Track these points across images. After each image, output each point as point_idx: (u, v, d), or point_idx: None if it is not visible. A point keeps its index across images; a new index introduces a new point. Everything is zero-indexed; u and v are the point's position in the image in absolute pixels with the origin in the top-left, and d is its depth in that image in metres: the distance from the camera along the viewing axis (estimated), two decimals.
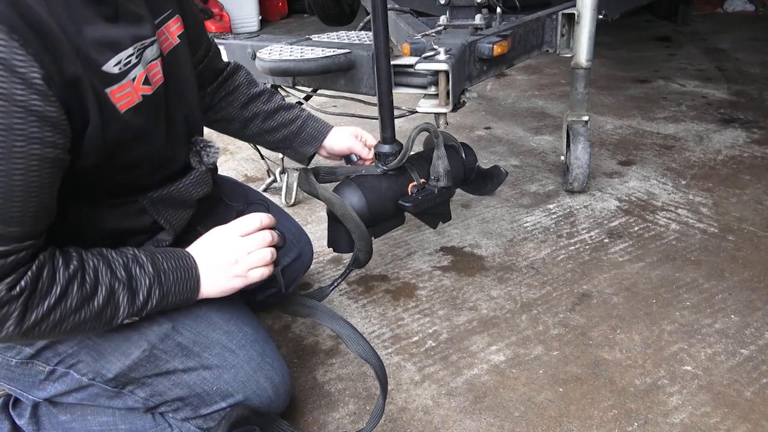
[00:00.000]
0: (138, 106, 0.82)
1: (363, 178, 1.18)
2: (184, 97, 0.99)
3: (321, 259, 1.65)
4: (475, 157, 1.32)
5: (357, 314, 1.41)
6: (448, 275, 1.55)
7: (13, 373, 0.94)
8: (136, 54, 0.82)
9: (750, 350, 1.23)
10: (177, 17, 0.97)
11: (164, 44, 0.93)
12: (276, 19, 5.78)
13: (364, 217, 1.13)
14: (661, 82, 3.17)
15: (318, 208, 1.94)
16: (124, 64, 0.79)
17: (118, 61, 0.78)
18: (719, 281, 1.46)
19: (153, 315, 0.90)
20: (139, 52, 0.83)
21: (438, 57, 1.26)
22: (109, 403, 0.97)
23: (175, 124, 0.96)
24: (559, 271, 1.53)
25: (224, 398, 0.92)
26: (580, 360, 1.23)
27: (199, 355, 0.92)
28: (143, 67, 0.83)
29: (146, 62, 0.85)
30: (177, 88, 0.96)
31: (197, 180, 1.02)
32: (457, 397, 1.15)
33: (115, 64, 0.78)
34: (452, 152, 1.27)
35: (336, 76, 1.50)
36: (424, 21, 1.84)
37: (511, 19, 1.80)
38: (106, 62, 0.77)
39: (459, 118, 2.74)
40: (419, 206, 1.18)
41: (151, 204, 0.94)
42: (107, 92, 0.77)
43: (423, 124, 1.19)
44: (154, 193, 0.95)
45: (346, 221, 1.11)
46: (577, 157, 1.87)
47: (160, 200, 0.96)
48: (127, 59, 0.80)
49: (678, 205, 1.84)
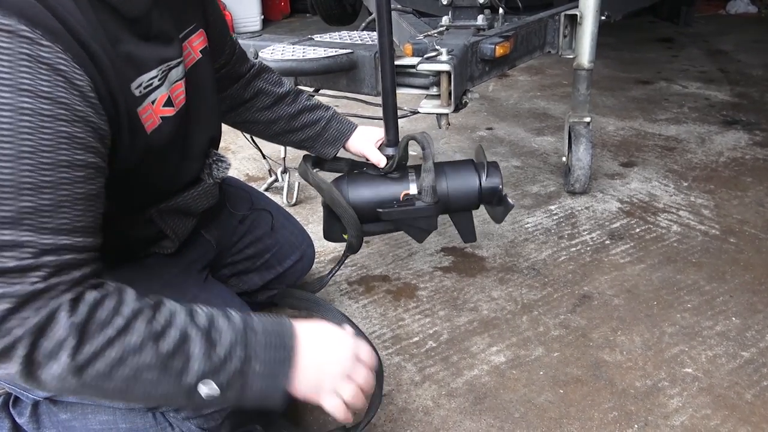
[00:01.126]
0: (159, 128, 0.81)
1: (359, 176, 1.20)
2: (207, 115, 0.98)
3: (322, 258, 1.65)
4: (500, 180, 1.22)
5: (358, 314, 1.41)
6: (449, 276, 1.55)
7: None
8: (159, 76, 0.80)
9: (751, 353, 1.23)
10: (201, 32, 0.96)
11: (186, 59, 0.92)
12: (278, 18, 5.78)
13: None
14: (663, 84, 3.16)
15: (319, 208, 1.94)
16: (144, 86, 0.78)
17: (140, 83, 0.77)
18: (720, 283, 1.46)
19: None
20: (164, 74, 0.81)
21: (440, 58, 1.26)
22: (109, 402, 0.98)
23: (193, 141, 0.95)
24: (560, 273, 1.53)
25: None
26: (580, 361, 1.23)
27: None
28: (167, 89, 0.82)
29: (170, 83, 0.83)
30: (198, 106, 0.94)
31: (205, 192, 1.02)
32: (457, 398, 1.15)
33: (136, 87, 0.76)
34: (467, 170, 1.22)
35: (338, 76, 1.50)
36: (426, 21, 1.84)
37: (514, 20, 1.80)
38: (129, 84, 0.75)
39: (461, 119, 2.74)
40: (390, 216, 1.18)
41: (158, 214, 0.94)
42: (137, 111, 0.77)
43: (411, 134, 1.19)
44: (162, 204, 0.95)
45: (335, 206, 1.15)
46: (578, 159, 1.87)
47: (166, 211, 0.96)
48: (149, 81, 0.79)
49: (679, 206, 1.84)
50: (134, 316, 0.67)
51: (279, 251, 1.31)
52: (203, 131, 0.99)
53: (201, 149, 0.99)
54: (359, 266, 1.61)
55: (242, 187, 1.32)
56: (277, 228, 1.30)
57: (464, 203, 1.24)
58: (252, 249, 1.26)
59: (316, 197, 2.01)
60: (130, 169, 0.80)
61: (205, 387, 0.70)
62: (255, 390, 0.73)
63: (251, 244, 1.25)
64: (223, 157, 1.04)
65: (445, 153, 2.37)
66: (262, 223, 1.28)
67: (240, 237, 1.24)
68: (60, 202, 0.63)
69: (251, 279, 1.27)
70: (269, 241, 1.27)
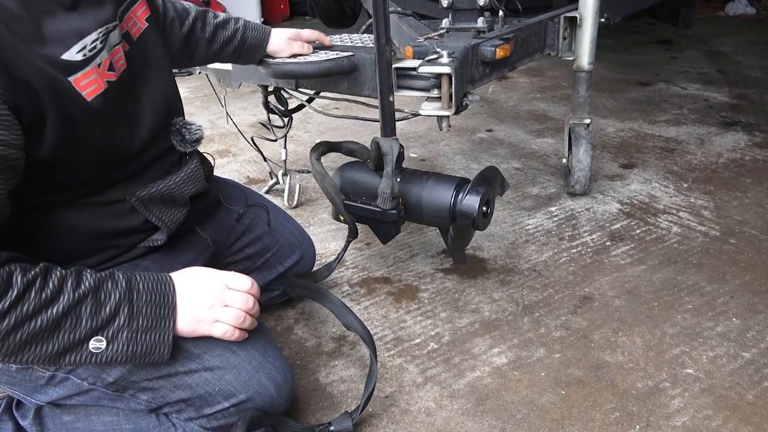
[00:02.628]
0: (105, 93, 0.82)
1: (356, 166, 1.33)
2: (158, 81, 0.98)
3: (323, 260, 1.65)
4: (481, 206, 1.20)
5: (359, 316, 1.41)
6: (450, 277, 1.55)
7: (14, 378, 0.94)
8: (100, 39, 0.81)
9: (752, 353, 1.23)
10: (142, 1, 0.97)
11: (133, 29, 0.93)
12: (278, 20, 5.80)
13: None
14: (662, 85, 3.17)
15: (320, 210, 1.95)
16: (89, 50, 0.78)
17: (83, 46, 0.78)
18: (721, 284, 1.46)
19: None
20: (104, 37, 0.82)
21: (441, 60, 1.27)
22: (111, 405, 0.98)
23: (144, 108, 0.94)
24: (560, 274, 1.53)
25: (227, 398, 0.92)
26: (581, 363, 1.23)
27: (200, 357, 0.92)
28: (108, 53, 0.82)
29: (110, 47, 0.84)
30: (148, 73, 0.96)
31: (188, 177, 1.01)
32: (459, 400, 1.15)
33: (78, 50, 0.77)
34: (446, 186, 1.23)
35: (339, 79, 1.50)
36: (426, 24, 1.84)
37: (514, 22, 1.81)
38: (67, 50, 0.76)
39: (461, 121, 2.74)
40: (350, 209, 1.29)
41: (140, 203, 0.94)
42: (71, 80, 0.77)
43: (378, 138, 1.25)
44: (142, 192, 0.94)
45: (325, 194, 1.30)
46: (579, 160, 1.88)
47: (150, 199, 0.95)
48: (92, 44, 0.79)
49: (679, 208, 1.85)
50: (27, 287, 0.73)
51: (279, 251, 1.31)
52: (155, 97, 0.98)
53: (156, 117, 0.98)
54: (360, 268, 1.61)
55: (238, 186, 1.33)
56: (277, 228, 1.30)
57: (435, 219, 1.26)
58: (252, 248, 1.26)
59: (317, 200, 2.02)
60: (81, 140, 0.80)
61: (95, 342, 0.79)
62: (143, 342, 0.83)
63: (251, 244, 1.26)
64: (192, 122, 1.04)
65: (445, 155, 2.38)
66: (260, 223, 1.28)
67: (239, 236, 1.24)
68: None
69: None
70: (269, 240, 1.27)
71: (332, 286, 1.53)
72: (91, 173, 0.88)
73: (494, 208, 1.29)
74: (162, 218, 0.97)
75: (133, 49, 0.92)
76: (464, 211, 1.22)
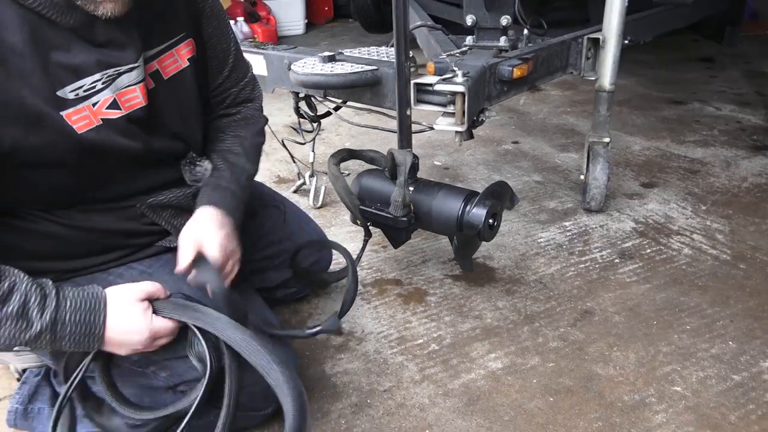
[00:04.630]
0: (98, 128, 0.90)
1: (375, 173, 1.41)
2: (180, 118, 1.06)
3: (340, 261, 1.75)
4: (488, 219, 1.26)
5: (368, 315, 1.51)
6: (459, 284, 1.62)
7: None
8: (103, 80, 0.89)
9: (742, 376, 1.27)
10: (190, 41, 1.05)
11: (168, 67, 1.01)
12: (322, 23, 5.94)
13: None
14: (696, 105, 3.15)
15: (342, 212, 2.05)
16: (84, 90, 0.87)
17: (79, 86, 0.86)
18: (723, 308, 1.49)
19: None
20: (110, 78, 0.89)
21: (455, 79, 1.35)
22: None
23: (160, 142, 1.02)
24: (565, 287, 1.59)
25: None
26: (573, 373, 1.29)
27: None
28: (111, 93, 0.90)
29: (118, 88, 0.91)
30: (172, 109, 1.03)
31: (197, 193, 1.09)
32: (452, 398, 1.23)
33: (72, 90, 0.86)
34: (455, 197, 1.30)
35: (363, 91, 1.60)
36: (453, 39, 1.92)
37: (538, 40, 1.87)
38: (62, 88, 0.85)
39: (488, 131, 2.80)
40: (365, 214, 1.39)
41: (149, 209, 1.03)
42: (62, 114, 0.86)
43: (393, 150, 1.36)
44: (150, 199, 1.03)
45: (338, 195, 1.39)
46: (595, 177, 1.92)
47: (158, 206, 1.04)
48: (91, 85, 0.87)
49: (694, 230, 1.87)
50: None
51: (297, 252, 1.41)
52: (171, 133, 1.04)
53: (171, 151, 1.05)
54: (375, 269, 1.70)
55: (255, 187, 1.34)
56: (297, 230, 1.40)
57: (444, 228, 1.35)
58: (270, 250, 1.35)
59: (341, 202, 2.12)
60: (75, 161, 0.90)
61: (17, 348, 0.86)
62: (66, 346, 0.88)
63: (270, 245, 1.35)
64: (200, 161, 1.09)
65: (468, 164, 2.45)
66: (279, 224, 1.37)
67: (259, 238, 1.33)
68: None
69: (269, 276, 1.38)
70: (288, 243, 1.37)
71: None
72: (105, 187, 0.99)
73: (501, 221, 1.36)
74: (173, 223, 1.08)
75: (159, 87, 1.00)
76: (471, 223, 1.29)
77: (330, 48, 1.89)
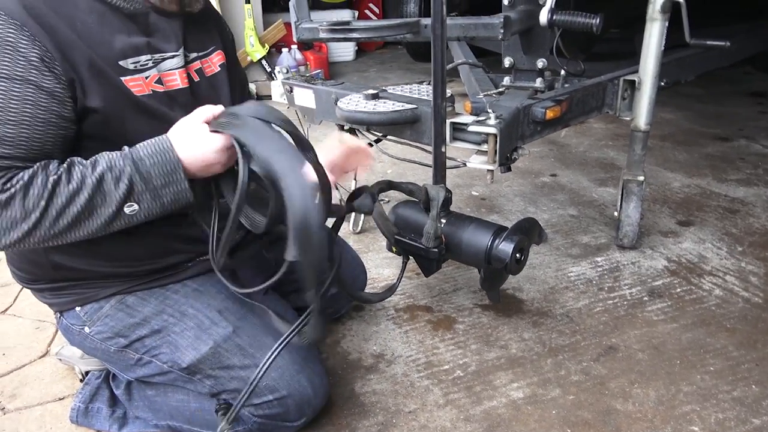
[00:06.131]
0: (150, 96, 1.08)
1: (407, 205, 1.47)
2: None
3: (375, 285, 1.85)
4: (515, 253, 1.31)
5: (399, 338, 1.59)
6: (487, 313, 1.69)
7: (112, 357, 1.21)
8: (152, 60, 1.09)
9: (762, 420, 1.29)
10: (219, 51, 1.25)
11: (208, 69, 1.21)
12: (372, 49, 6.13)
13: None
14: (742, 142, 3.13)
15: (380, 238, 2.15)
16: (141, 64, 1.07)
17: (137, 61, 1.07)
18: (749, 351, 1.51)
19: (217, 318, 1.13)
20: (156, 60, 1.09)
21: (488, 121, 1.44)
22: (184, 386, 1.22)
23: None
24: (591, 323, 1.64)
25: (271, 392, 1.13)
26: (593, 407, 1.34)
27: (253, 355, 1.14)
28: (157, 71, 1.09)
29: (162, 69, 1.10)
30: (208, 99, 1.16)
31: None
32: (472, 423, 1.30)
33: (132, 62, 1.06)
34: (485, 231, 1.36)
35: (403, 127, 1.70)
36: (492, 77, 2.01)
37: (574, 81, 1.94)
38: (124, 59, 1.05)
39: (527, 163, 2.86)
40: (399, 244, 1.42)
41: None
42: (122, 79, 1.04)
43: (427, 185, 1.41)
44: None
45: (375, 223, 1.42)
46: (628, 215, 1.96)
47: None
48: (145, 62, 1.08)
49: (727, 271, 1.88)
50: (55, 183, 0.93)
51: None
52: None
53: None
54: (407, 295, 1.79)
55: None
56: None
57: (473, 260, 1.41)
58: None
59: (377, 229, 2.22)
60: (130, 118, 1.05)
61: (128, 208, 0.98)
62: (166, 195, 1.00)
63: None
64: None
65: (505, 195, 2.51)
66: None
67: None
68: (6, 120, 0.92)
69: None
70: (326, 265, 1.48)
71: (379, 308, 1.72)
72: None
73: (528, 256, 1.43)
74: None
75: (203, 81, 1.19)
76: (498, 257, 1.37)
77: (378, 74, 2.01)
